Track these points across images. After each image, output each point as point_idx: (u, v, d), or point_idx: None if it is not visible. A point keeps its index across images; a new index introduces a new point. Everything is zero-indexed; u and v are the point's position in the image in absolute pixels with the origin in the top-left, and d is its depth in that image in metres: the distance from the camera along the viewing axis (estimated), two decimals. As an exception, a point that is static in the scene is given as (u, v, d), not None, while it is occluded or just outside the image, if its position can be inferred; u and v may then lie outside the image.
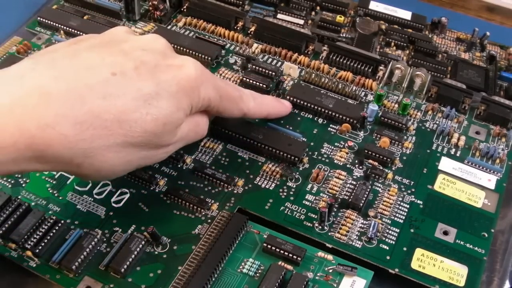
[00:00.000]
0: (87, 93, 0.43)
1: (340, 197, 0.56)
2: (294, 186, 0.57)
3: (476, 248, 0.53)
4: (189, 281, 0.47)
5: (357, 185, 0.56)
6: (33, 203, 0.53)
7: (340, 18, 0.78)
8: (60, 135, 0.41)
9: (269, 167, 0.58)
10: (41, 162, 0.43)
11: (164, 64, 0.48)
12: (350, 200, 0.55)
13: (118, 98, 0.44)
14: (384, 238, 0.53)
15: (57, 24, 0.70)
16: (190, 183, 0.56)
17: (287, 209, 0.55)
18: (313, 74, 0.68)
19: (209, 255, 0.49)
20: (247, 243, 0.52)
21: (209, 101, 0.51)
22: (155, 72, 0.46)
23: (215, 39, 0.72)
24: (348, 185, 0.57)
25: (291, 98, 0.64)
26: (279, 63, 0.70)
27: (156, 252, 0.51)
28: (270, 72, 0.67)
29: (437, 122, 0.65)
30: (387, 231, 0.54)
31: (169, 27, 0.73)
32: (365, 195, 0.55)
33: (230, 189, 0.56)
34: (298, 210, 0.55)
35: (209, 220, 0.53)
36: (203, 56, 0.68)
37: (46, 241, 0.50)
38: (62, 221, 0.51)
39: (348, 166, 0.59)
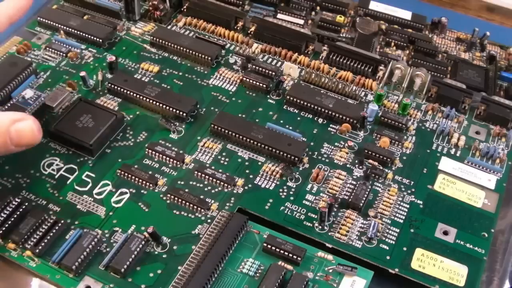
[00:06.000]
0: None
1: (340, 197, 0.56)
2: (294, 186, 0.57)
3: (476, 248, 0.53)
4: (189, 281, 0.47)
5: (357, 185, 0.56)
6: (33, 203, 0.53)
7: (340, 18, 0.78)
8: None
9: (269, 167, 0.58)
10: None
11: None
12: (350, 200, 0.55)
13: None
14: (384, 238, 0.53)
15: (57, 24, 0.70)
16: (190, 183, 0.56)
17: (287, 209, 0.55)
18: (313, 74, 0.68)
19: (209, 255, 0.49)
20: (247, 243, 0.52)
21: None
22: None
23: (215, 39, 0.72)
24: (348, 185, 0.57)
25: (291, 98, 0.64)
26: (279, 63, 0.70)
27: (156, 252, 0.51)
28: (270, 72, 0.67)
29: (437, 122, 0.65)
30: (387, 231, 0.54)
31: (169, 27, 0.73)
32: (365, 195, 0.55)
33: (230, 189, 0.56)
34: (298, 210, 0.55)
35: (209, 220, 0.53)
36: (203, 56, 0.68)
37: (46, 241, 0.50)
38: (62, 221, 0.51)
39: (348, 166, 0.59)
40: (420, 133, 0.63)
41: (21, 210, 0.51)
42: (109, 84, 0.63)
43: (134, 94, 0.62)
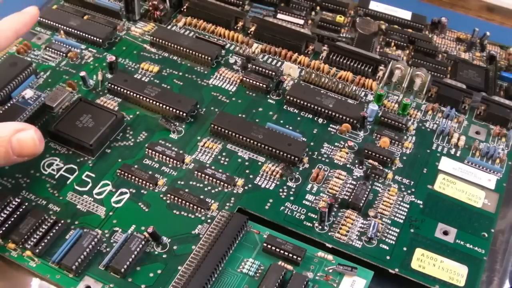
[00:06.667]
0: None
1: (340, 197, 0.56)
2: (294, 186, 0.57)
3: (476, 248, 0.53)
4: (189, 281, 0.47)
5: (357, 185, 0.56)
6: (33, 203, 0.53)
7: (340, 18, 0.78)
8: None
9: (269, 167, 0.58)
10: None
11: None
12: (350, 200, 0.55)
13: None
14: (384, 238, 0.53)
15: (57, 24, 0.70)
16: (190, 183, 0.56)
17: (287, 209, 0.55)
18: (313, 74, 0.68)
19: (209, 255, 0.49)
20: (247, 243, 0.52)
21: None
22: None
23: (215, 39, 0.72)
24: (348, 185, 0.57)
25: (291, 98, 0.64)
26: (279, 63, 0.70)
27: (156, 252, 0.51)
28: (270, 72, 0.67)
29: (437, 122, 0.65)
30: (387, 231, 0.54)
31: (169, 27, 0.73)
32: (365, 195, 0.55)
33: (230, 189, 0.56)
34: (298, 210, 0.55)
35: (209, 220, 0.53)
36: (203, 56, 0.68)
37: (46, 241, 0.50)
38: (62, 221, 0.51)
39: (348, 166, 0.59)
40: (420, 133, 0.63)
41: (21, 210, 0.51)
42: (109, 84, 0.63)
43: (134, 94, 0.62)
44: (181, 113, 0.61)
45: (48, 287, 0.49)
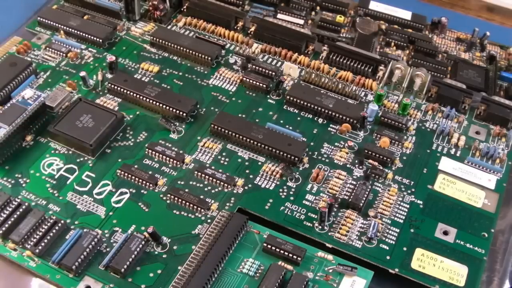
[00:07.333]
0: None
1: (340, 197, 0.56)
2: (294, 186, 0.57)
3: (476, 248, 0.53)
4: (189, 281, 0.47)
5: (357, 185, 0.56)
6: (33, 203, 0.53)
7: (340, 18, 0.78)
8: None
9: (269, 167, 0.58)
10: None
11: None
12: (350, 200, 0.55)
13: None
14: (384, 238, 0.53)
15: (57, 24, 0.70)
16: (190, 183, 0.56)
17: (287, 209, 0.55)
18: (313, 74, 0.68)
19: (209, 255, 0.49)
20: (247, 243, 0.52)
21: None
22: None
23: (215, 39, 0.72)
24: (348, 185, 0.57)
25: (291, 98, 0.64)
26: (279, 63, 0.70)
27: (156, 252, 0.51)
28: (270, 72, 0.67)
29: (437, 122, 0.65)
30: (387, 231, 0.54)
31: (169, 27, 0.73)
32: (365, 195, 0.55)
33: (230, 189, 0.56)
34: (298, 210, 0.55)
35: (209, 220, 0.53)
36: (203, 56, 0.68)
37: (46, 241, 0.50)
38: (62, 221, 0.51)
39: (348, 166, 0.59)
40: (420, 133, 0.63)
41: (21, 210, 0.51)
42: (109, 84, 0.63)
43: (134, 94, 0.62)
44: (181, 113, 0.61)
45: (48, 287, 0.49)
